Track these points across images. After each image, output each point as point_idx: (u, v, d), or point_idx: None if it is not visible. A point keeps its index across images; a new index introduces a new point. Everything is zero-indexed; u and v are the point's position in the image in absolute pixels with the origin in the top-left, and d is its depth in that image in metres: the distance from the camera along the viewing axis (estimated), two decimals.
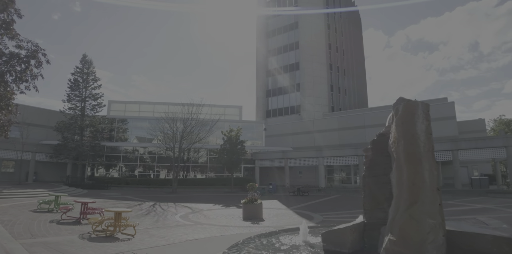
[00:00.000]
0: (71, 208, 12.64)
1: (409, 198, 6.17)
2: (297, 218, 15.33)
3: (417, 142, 6.44)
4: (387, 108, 40.66)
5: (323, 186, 34.76)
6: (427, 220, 5.87)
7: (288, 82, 51.49)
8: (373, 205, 7.34)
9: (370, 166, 7.70)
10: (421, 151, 6.38)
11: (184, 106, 33.10)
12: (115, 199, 23.14)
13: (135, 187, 34.52)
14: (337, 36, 54.70)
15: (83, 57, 37.09)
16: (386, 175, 7.24)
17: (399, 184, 6.50)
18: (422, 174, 6.23)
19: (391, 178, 7.01)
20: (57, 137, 35.95)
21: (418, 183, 6.19)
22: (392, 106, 7.26)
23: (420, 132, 6.49)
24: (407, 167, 6.39)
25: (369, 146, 8.16)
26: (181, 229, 11.38)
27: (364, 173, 7.66)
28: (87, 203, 12.28)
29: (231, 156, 34.61)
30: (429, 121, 6.62)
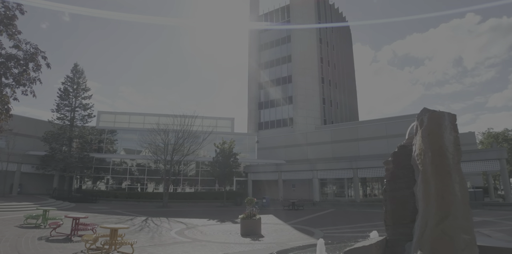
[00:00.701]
0: (60, 224, 11.82)
1: (439, 212, 5.81)
2: (297, 234, 14.81)
3: (445, 154, 6.14)
4: (380, 121, 40.94)
5: (317, 200, 34.23)
6: (461, 236, 5.50)
7: (280, 95, 51.52)
8: (395, 220, 6.95)
9: (391, 179, 7.32)
10: (450, 163, 6.07)
11: (176, 118, 32.48)
12: (104, 213, 22.10)
13: (124, 200, 33.29)
14: (328, 50, 55.43)
15: (74, 66, 36.34)
16: (409, 188, 6.90)
17: (426, 198, 6.15)
18: (452, 187, 5.91)
19: (415, 192, 6.67)
20: (44, 147, 34.64)
21: (448, 196, 5.86)
22: (416, 118, 6.98)
23: (448, 143, 6.20)
24: (435, 180, 6.06)
25: (390, 159, 7.80)
26: (180, 246, 10.72)
27: (385, 187, 7.29)
28: (78, 218, 11.50)
29: (223, 168, 33.86)
30: (457, 132, 6.34)
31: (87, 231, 11.43)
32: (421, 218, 6.20)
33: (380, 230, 14.64)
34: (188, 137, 31.58)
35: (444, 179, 5.99)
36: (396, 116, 42.78)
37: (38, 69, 7.07)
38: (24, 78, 6.81)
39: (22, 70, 6.79)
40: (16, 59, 6.69)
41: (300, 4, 53.72)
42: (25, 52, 6.87)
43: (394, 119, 41.17)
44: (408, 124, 27.22)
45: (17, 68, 6.79)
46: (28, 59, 6.73)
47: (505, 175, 27.72)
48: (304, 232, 15.33)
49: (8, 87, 6.96)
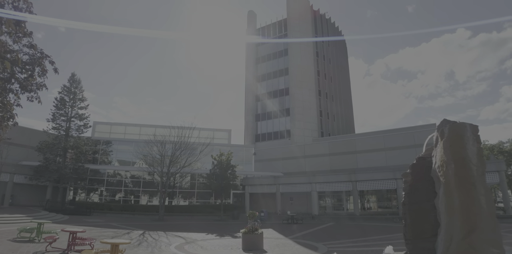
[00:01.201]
0: (56, 238, 11.29)
1: (465, 225, 5.59)
2: (300, 249, 14.43)
3: (469, 165, 5.97)
4: (378, 134, 40.95)
5: (316, 213, 33.73)
6: (490, 250, 5.28)
7: (277, 107, 51.54)
8: (416, 234, 6.71)
9: (410, 192, 7.12)
10: (474, 175, 5.89)
11: (173, 129, 32.14)
12: (100, 226, 21.43)
13: (119, 213, 32.46)
14: (325, 63, 55.96)
15: (71, 76, 36.07)
16: (430, 201, 6.69)
17: (450, 211, 5.95)
18: (478, 199, 5.71)
19: (436, 204, 6.46)
20: (38, 157, 33.89)
21: (474, 209, 5.66)
22: (436, 129, 6.84)
23: (471, 155, 6.04)
24: (459, 192, 5.87)
25: (408, 171, 7.60)
26: None
27: (404, 200, 7.07)
28: (75, 232, 10.98)
29: (221, 181, 33.37)
30: (479, 143, 6.19)
31: (84, 246, 10.93)
32: (445, 231, 5.97)
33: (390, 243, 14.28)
34: (185, 148, 31.16)
35: (469, 191, 5.81)
36: (394, 129, 42.89)
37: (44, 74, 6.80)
38: (31, 84, 6.53)
39: (28, 75, 6.52)
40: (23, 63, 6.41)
41: (297, 18, 54.50)
42: (31, 56, 6.60)
43: (392, 132, 41.24)
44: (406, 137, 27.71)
45: (22, 73, 6.51)
46: (35, 63, 6.46)
47: (505, 187, 27.70)
48: (307, 247, 14.94)
49: (11, 93, 6.68)
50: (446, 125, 6.61)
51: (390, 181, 32.20)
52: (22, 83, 6.44)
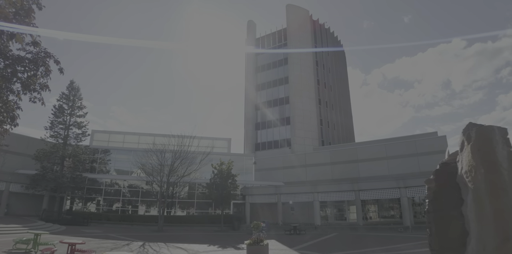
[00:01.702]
0: (54, 250, 10.74)
1: (498, 234, 5.18)
2: None
3: (499, 170, 5.60)
4: (380, 143, 40.65)
5: (318, 224, 33.06)
6: None
7: (277, 116, 51.31)
8: (442, 244, 6.29)
9: (434, 199, 6.72)
10: (505, 180, 5.51)
11: (172, 138, 31.73)
12: (98, 237, 20.76)
13: (117, 223, 31.68)
14: (325, 73, 56.07)
15: (70, 83, 35.71)
16: (456, 208, 6.30)
17: (480, 219, 5.55)
18: (511, 205, 5.35)
19: (464, 212, 6.08)
20: (35, 166, 33.21)
21: (507, 216, 5.27)
22: (462, 132, 6.50)
23: (501, 159, 5.67)
24: (490, 199, 5.48)
25: (432, 177, 7.20)
26: None
27: (428, 208, 6.68)
28: (74, 243, 10.47)
29: (221, 190, 32.75)
30: (510, 146, 5.84)
31: None
32: (476, 241, 5.56)
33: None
34: (185, 157, 30.66)
35: (501, 197, 5.43)
36: (396, 137, 42.59)
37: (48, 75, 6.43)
38: (34, 83, 6.15)
39: (32, 74, 6.15)
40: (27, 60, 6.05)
41: (297, 28, 54.84)
42: (35, 54, 6.24)
43: (393, 140, 40.95)
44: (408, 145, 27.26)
45: (25, 72, 6.15)
46: (39, 63, 6.11)
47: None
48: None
49: (13, 94, 6.31)
50: (473, 129, 6.26)
51: (393, 190, 31.71)
52: (24, 82, 6.07)
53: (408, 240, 21.53)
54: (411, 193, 31.27)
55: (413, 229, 28.55)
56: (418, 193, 31.10)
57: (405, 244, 19.81)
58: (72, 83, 35.90)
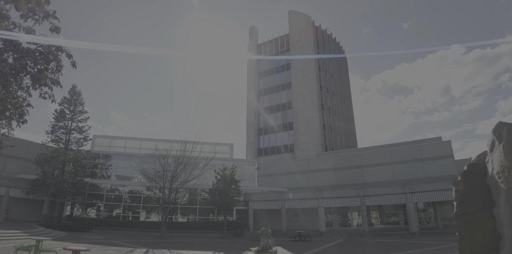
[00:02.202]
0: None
1: None
2: None
3: None
4: (384, 148, 40.26)
5: (323, 230, 32.49)
6: None
7: (280, 121, 51.02)
8: (473, 249, 5.93)
9: (462, 202, 6.37)
10: None
11: (173, 143, 31.38)
12: (100, 244, 20.27)
13: (118, 229, 31.13)
14: (327, 78, 55.95)
15: (72, 87, 35.46)
16: (486, 211, 5.96)
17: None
18: None
19: (496, 215, 5.72)
20: (35, 171, 32.76)
21: None
22: (492, 132, 6.16)
23: None
24: None
25: (460, 179, 6.85)
26: None
27: (456, 211, 6.31)
28: (79, 250, 10.03)
29: (224, 196, 32.25)
30: None
31: None
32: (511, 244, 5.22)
33: None
34: (189, 162, 30.25)
35: None
36: (400, 142, 42.24)
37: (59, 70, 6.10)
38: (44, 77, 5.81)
39: (43, 68, 5.81)
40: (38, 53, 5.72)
41: (299, 33, 54.89)
42: (46, 48, 5.90)
43: (398, 145, 40.58)
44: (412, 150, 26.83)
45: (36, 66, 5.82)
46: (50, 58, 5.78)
47: None
48: None
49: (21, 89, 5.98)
50: (504, 128, 5.93)
51: (399, 196, 31.22)
52: (34, 76, 5.73)
53: (418, 246, 21.08)
54: (417, 198, 30.79)
55: (420, 235, 28.04)
56: (424, 198, 30.63)
57: (415, 250, 19.36)
58: (74, 88, 35.67)
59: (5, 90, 5.49)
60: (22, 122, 5.98)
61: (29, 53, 5.53)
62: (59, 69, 6.03)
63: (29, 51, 5.61)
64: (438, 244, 22.01)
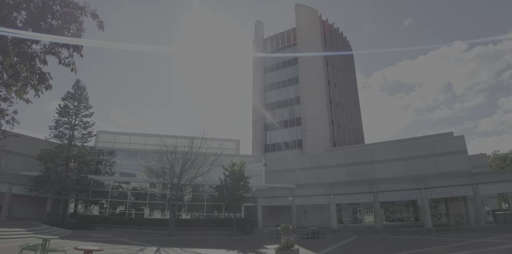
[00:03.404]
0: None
1: None
2: None
3: None
4: (396, 143, 39.27)
5: (335, 227, 31.57)
6: None
7: (287, 117, 49.94)
8: None
9: None
10: None
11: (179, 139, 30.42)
12: (108, 242, 19.35)
13: (124, 227, 30.22)
14: (335, 73, 54.82)
15: (76, 82, 34.43)
16: None
17: None
18: None
19: None
20: (38, 167, 31.83)
21: None
22: None
23: None
24: None
25: None
26: None
27: None
28: (91, 250, 9.05)
29: (233, 193, 31.38)
30: None
31: None
32: None
33: None
34: (197, 158, 29.29)
35: None
36: (412, 137, 41.21)
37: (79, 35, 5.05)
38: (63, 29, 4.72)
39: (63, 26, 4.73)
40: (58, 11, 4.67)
41: (306, 27, 53.70)
42: (63, 6, 4.82)
43: (410, 140, 39.57)
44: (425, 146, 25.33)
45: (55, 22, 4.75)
46: (69, 18, 4.72)
47: None
48: None
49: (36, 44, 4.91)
50: None
51: (413, 191, 30.27)
52: (53, 28, 4.66)
53: (437, 243, 20.22)
54: (432, 194, 29.88)
55: (437, 232, 27.12)
56: (439, 194, 29.74)
57: (436, 247, 18.47)
58: (78, 82, 34.67)
59: (17, 49, 4.47)
60: (46, 87, 4.93)
61: (46, 10, 4.50)
62: (80, 33, 4.98)
63: (46, 7, 4.56)
64: (458, 241, 21.15)
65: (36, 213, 31.62)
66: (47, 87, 4.98)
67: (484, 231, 25.79)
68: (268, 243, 22.92)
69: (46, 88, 5.00)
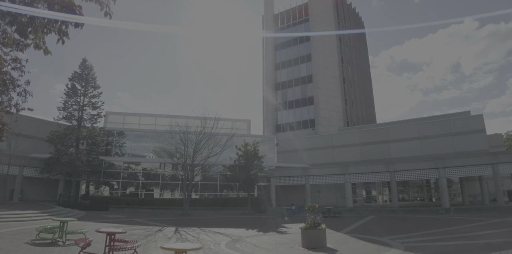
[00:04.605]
0: (90, 241, 8.70)
1: None
2: (371, 245, 12.23)
3: None
4: (412, 122, 38.14)
5: (351, 206, 31.18)
6: None
7: (299, 96, 48.58)
8: None
9: None
10: None
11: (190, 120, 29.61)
12: (124, 223, 19.03)
13: (137, 208, 30.11)
14: (348, 50, 52.81)
15: (82, 61, 33.42)
16: None
17: None
18: None
19: None
20: (48, 149, 31.48)
21: None
22: None
23: None
24: None
25: None
26: None
27: None
28: (114, 233, 8.40)
29: (247, 172, 30.96)
30: None
31: (126, 251, 8.36)
32: None
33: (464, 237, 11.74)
34: (210, 138, 28.62)
35: None
36: (428, 116, 40.04)
37: None
38: None
39: None
40: None
41: (318, 2, 51.25)
42: None
43: (426, 119, 38.41)
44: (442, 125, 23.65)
45: None
46: None
47: None
48: (376, 243, 12.65)
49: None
50: None
51: (431, 171, 29.54)
52: None
53: (461, 222, 19.71)
54: (450, 173, 29.18)
55: (455, 211, 26.57)
56: (458, 173, 29.13)
57: (462, 226, 17.90)
58: (85, 62, 33.63)
59: None
60: (75, 25, 3.90)
61: None
62: None
63: None
64: (480, 220, 20.62)
65: (48, 195, 31.61)
66: (76, 24, 3.96)
67: (502, 211, 25.41)
68: (285, 221, 22.58)
69: (75, 26, 4.00)
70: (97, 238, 11.24)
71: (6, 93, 6.40)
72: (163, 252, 9.51)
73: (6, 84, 5.46)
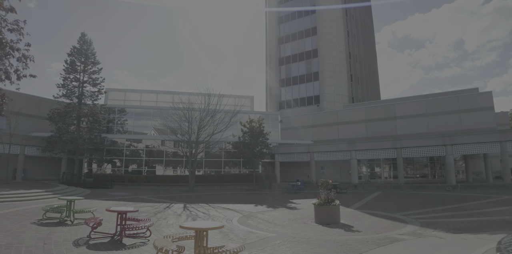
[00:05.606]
0: (101, 220, 8.33)
1: None
2: (385, 222, 11.95)
3: None
4: (419, 99, 37.40)
5: (356, 182, 31.14)
6: None
7: (304, 71, 47.32)
8: None
9: None
10: None
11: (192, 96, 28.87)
12: (130, 200, 18.82)
13: (141, 185, 30.04)
14: (354, 24, 50.93)
15: (81, 36, 32.06)
16: None
17: None
18: None
19: None
20: (49, 128, 30.93)
21: None
22: None
23: None
24: None
25: None
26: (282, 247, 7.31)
27: None
28: (125, 212, 7.98)
29: (252, 149, 30.71)
30: None
31: (139, 230, 7.97)
32: None
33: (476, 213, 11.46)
34: (214, 114, 28.01)
35: None
36: (436, 93, 39.15)
37: None
38: None
39: None
40: None
41: None
42: None
43: (433, 96, 37.58)
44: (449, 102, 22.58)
45: None
46: None
47: None
48: (389, 219, 12.46)
49: None
50: None
51: (438, 148, 29.17)
52: None
53: (470, 199, 19.61)
54: (458, 151, 28.84)
55: (462, 188, 26.50)
56: (465, 150, 28.80)
57: (472, 202, 17.76)
58: (84, 36, 32.26)
59: None
60: None
61: None
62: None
63: None
64: (488, 197, 20.56)
65: (52, 174, 31.45)
66: None
67: (509, 188, 25.29)
68: (292, 197, 22.49)
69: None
70: (107, 217, 10.94)
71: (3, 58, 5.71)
72: (176, 230, 9.18)
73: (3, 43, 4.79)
